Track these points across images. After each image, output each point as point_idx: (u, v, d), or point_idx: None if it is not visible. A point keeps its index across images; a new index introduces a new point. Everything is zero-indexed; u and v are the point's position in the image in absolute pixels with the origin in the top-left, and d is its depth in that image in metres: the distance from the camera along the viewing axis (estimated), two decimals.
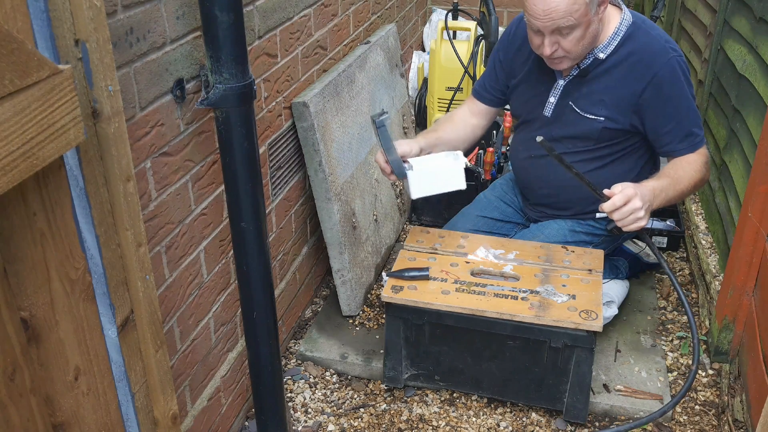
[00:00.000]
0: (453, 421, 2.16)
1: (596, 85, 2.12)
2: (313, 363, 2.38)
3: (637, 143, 2.19)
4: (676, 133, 2.09)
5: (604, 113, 2.12)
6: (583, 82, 2.14)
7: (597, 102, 2.12)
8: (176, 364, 1.71)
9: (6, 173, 0.91)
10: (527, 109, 2.30)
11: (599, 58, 2.09)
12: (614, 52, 2.09)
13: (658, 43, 2.07)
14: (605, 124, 2.12)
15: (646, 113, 2.09)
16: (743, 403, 2.04)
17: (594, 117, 2.13)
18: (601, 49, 2.09)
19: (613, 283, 2.49)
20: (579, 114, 2.15)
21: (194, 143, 1.66)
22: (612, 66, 2.09)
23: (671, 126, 2.08)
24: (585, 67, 2.11)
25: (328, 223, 2.39)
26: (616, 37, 2.08)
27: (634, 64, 2.07)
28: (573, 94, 2.16)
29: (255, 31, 1.91)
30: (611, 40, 2.08)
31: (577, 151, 2.19)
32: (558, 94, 2.19)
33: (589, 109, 2.14)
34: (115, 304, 1.26)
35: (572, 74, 2.15)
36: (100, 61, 1.12)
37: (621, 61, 2.08)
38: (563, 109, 2.18)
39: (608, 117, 2.12)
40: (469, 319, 2.03)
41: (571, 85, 2.16)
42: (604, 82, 2.11)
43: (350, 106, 2.57)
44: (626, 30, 2.08)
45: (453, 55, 3.45)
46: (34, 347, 1.08)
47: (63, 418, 1.17)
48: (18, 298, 1.04)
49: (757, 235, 2.10)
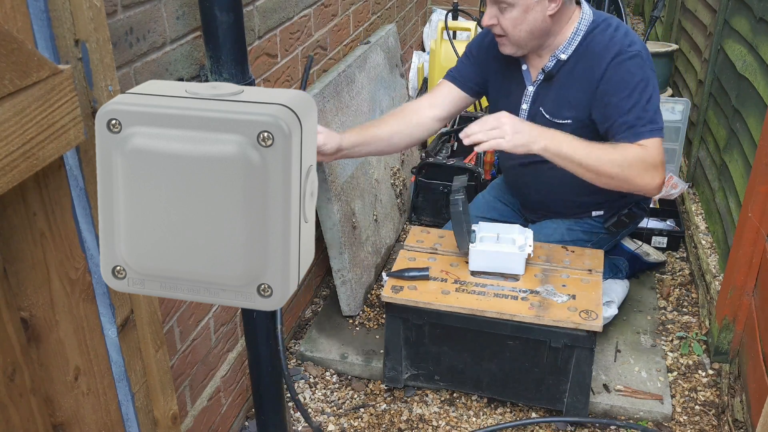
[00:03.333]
0: (453, 421, 2.16)
1: (561, 87, 2.11)
2: (313, 363, 2.38)
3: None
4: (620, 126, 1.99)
5: (570, 115, 2.10)
6: (551, 86, 2.13)
7: (564, 105, 2.11)
8: (176, 364, 1.71)
9: (6, 173, 0.91)
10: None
11: (561, 59, 2.08)
12: (575, 51, 2.07)
13: (614, 38, 2.04)
14: (574, 125, 2.10)
15: (596, 106, 2.05)
16: (743, 403, 2.04)
17: (562, 121, 2.11)
18: (562, 50, 2.08)
19: (613, 282, 2.49)
20: (548, 120, 2.13)
21: None
22: (573, 65, 2.08)
23: (616, 119, 2.00)
24: (549, 70, 2.11)
25: (328, 223, 2.39)
26: (576, 37, 2.07)
27: (591, 60, 2.05)
28: (542, 99, 2.15)
29: (255, 31, 1.91)
30: (571, 41, 2.07)
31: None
32: (529, 100, 2.18)
33: (556, 113, 2.12)
34: (115, 304, 1.26)
35: (539, 79, 2.14)
36: (100, 61, 1.12)
37: (580, 60, 2.07)
38: (535, 115, 2.17)
39: (575, 118, 2.10)
40: (469, 319, 2.04)
41: (540, 90, 2.16)
42: (568, 83, 2.10)
43: (350, 106, 2.57)
44: (586, 29, 2.07)
45: (453, 55, 3.45)
46: (34, 347, 1.08)
47: (63, 418, 1.17)
48: (18, 298, 1.04)
49: (757, 235, 2.10)
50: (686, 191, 3.22)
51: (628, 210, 2.31)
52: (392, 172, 2.98)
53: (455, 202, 2.06)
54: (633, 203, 2.31)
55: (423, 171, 3.12)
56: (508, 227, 2.19)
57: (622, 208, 2.31)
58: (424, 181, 3.11)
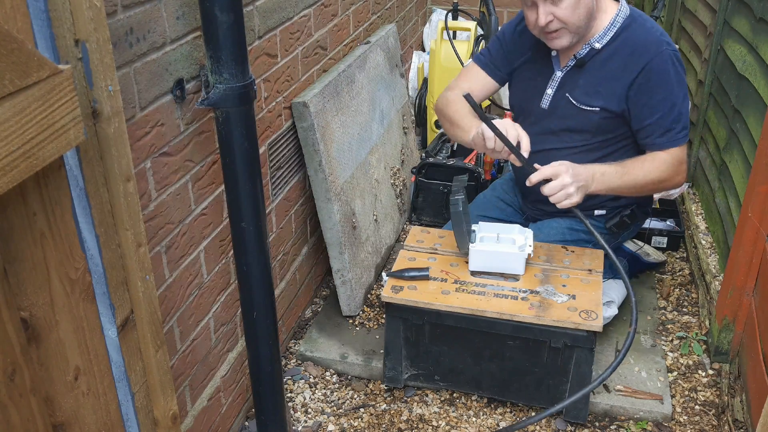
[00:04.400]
0: (453, 421, 2.16)
1: (592, 75, 2.12)
2: (313, 363, 2.38)
3: (634, 138, 2.18)
4: (656, 127, 2.08)
5: (599, 104, 2.12)
6: (580, 73, 2.14)
7: (593, 93, 2.12)
8: (176, 364, 1.71)
9: (6, 173, 0.91)
10: (524, 98, 2.28)
11: (595, 48, 2.10)
12: (610, 42, 2.09)
13: (653, 35, 2.08)
14: (601, 114, 2.12)
15: (633, 102, 2.08)
16: (743, 403, 2.04)
17: (590, 108, 2.13)
18: (597, 39, 2.09)
19: (614, 282, 2.49)
20: (575, 106, 2.15)
21: (194, 143, 1.66)
22: (608, 56, 2.10)
23: (654, 118, 2.07)
24: (581, 57, 2.12)
25: (328, 223, 2.39)
26: (612, 28, 2.09)
27: (629, 54, 2.07)
28: (570, 85, 2.16)
29: (255, 31, 1.91)
30: (607, 31, 2.09)
31: (575, 145, 2.19)
32: (555, 85, 2.18)
33: (585, 100, 2.13)
34: (115, 304, 1.26)
35: (569, 65, 2.15)
36: (100, 61, 1.12)
37: (616, 52, 2.09)
38: (560, 101, 2.18)
39: (603, 108, 2.11)
40: (469, 319, 2.03)
41: (568, 76, 2.16)
42: (600, 72, 2.11)
43: (350, 106, 2.57)
44: (623, 22, 2.09)
45: (453, 55, 3.45)
46: (34, 347, 1.08)
47: (63, 418, 1.17)
48: (18, 298, 1.04)
49: (757, 235, 2.10)
50: (686, 191, 3.22)
51: (630, 211, 2.31)
52: (392, 172, 2.98)
53: (455, 202, 2.06)
54: (635, 204, 2.31)
55: (423, 171, 3.12)
56: (508, 227, 2.19)
57: (624, 209, 2.31)
58: (424, 181, 3.11)
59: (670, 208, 3.12)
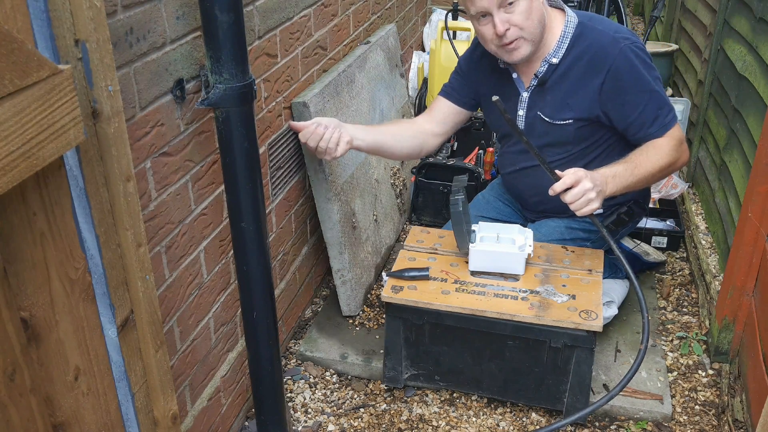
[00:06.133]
0: (453, 421, 2.16)
1: (558, 91, 2.13)
2: (313, 363, 2.38)
3: (615, 137, 2.18)
4: (643, 120, 2.08)
5: (571, 115, 2.12)
6: (545, 91, 2.15)
7: (563, 107, 2.13)
8: (176, 364, 1.71)
9: (6, 173, 0.91)
10: (501, 123, 2.29)
11: (553, 64, 2.11)
12: (566, 54, 2.09)
13: (606, 36, 2.07)
14: (575, 125, 2.13)
15: (609, 105, 2.08)
16: (743, 403, 2.04)
17: (563, 122, 2.14)
18: (552, 54, 2.10)
19: (613, 282, 2.49)
20: (548, 123, 2.16)
21: (194, 143, 1.66)
22: (567, 69, 2.10)
23: (637, 113, 2.07)
24: (542, 75, 2.13)
25: (328, 223, 2.39)
26: (564, 40, 2.09)
27: (589, 62, 2.07)
28: (538, 104, 2.17)
29: (255, 31, 1.91)
30: (560, 44, 2.09)
31: (560, 158, 2.19)
32: (525, 106, 2.20)
33: (556, 115, 2.14)
34: (115, 304, 1.26)
35: (533, 84, 2.16)
36: (100, 61, 1.12)
37: (575, 63, 2.09)
38: (533, 120, 2.19)
39: (576, 118, 2.12)
40: (469, 319, 2.04)
41: (535, 95, 2.17)
42: (564, 86, 2.12)
43: (350, 106, 2.57)
44: (573, 31, 2.09)
45: (453, 55, 3.45)
46: (34, 347, 1.08)
47: (63, 418, 1.17)
48: (18, 298, 1.04)
49: (757, 235, 2.10)
50: (686, 191, 3.23)
51: (627, 208, 2.31)
52: (392, 172, 2.98)
53: (455, 202, 2.06)
54: (632, 200, 2.32)
55: (423, 171, 3.12)
56: (508, 227, 2.19)
57: (620, 206, 2.31)
58: (424, 181, 3.11)
59: (670, 208, 3.12)
